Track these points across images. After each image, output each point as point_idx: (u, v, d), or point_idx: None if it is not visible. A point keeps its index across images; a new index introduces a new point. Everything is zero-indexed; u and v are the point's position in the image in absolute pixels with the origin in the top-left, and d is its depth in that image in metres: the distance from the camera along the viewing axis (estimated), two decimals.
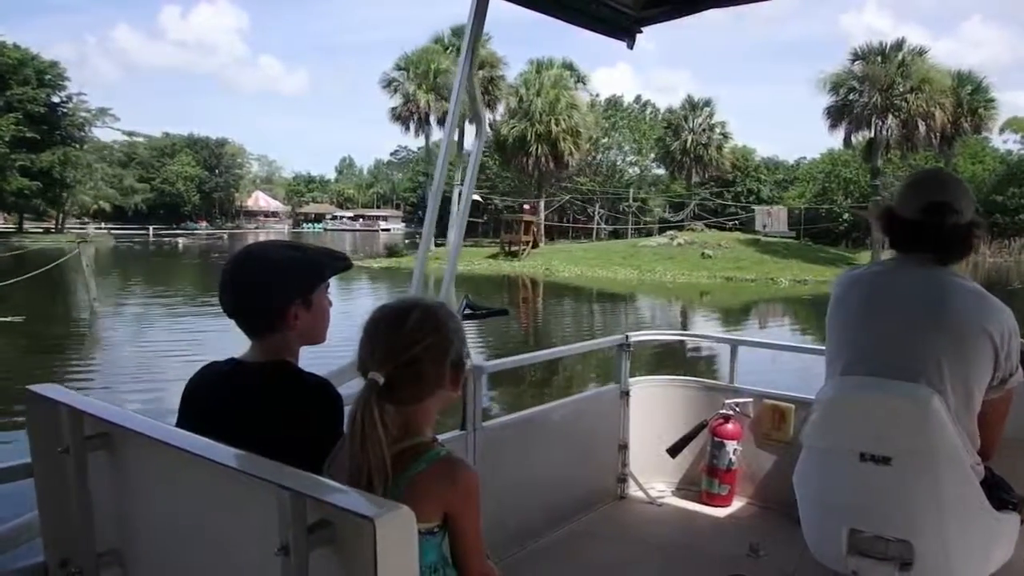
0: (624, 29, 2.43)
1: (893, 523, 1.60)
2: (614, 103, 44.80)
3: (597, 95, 43.59)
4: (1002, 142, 40.41)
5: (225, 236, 52.95)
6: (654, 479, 3.05)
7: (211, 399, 1.26)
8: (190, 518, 1.01)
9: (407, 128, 30.86)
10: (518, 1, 2.15)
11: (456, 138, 32.97)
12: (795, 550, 2.10)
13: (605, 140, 43.18)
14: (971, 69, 31.04)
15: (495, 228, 32.83)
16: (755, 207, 36.03)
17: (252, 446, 0.95)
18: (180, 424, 1.25)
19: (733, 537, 2.63)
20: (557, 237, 39.73)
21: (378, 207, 71.63)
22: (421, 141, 34.63)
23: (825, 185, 43.95)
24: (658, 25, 2.45)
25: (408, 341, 1.08)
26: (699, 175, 35.69)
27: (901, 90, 26.29)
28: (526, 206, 32.48)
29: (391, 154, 74.89)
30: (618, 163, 44.16)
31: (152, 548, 1.10)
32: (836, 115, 27.12)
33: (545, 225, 38.79)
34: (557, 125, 31.19)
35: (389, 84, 30.58)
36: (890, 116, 26.14)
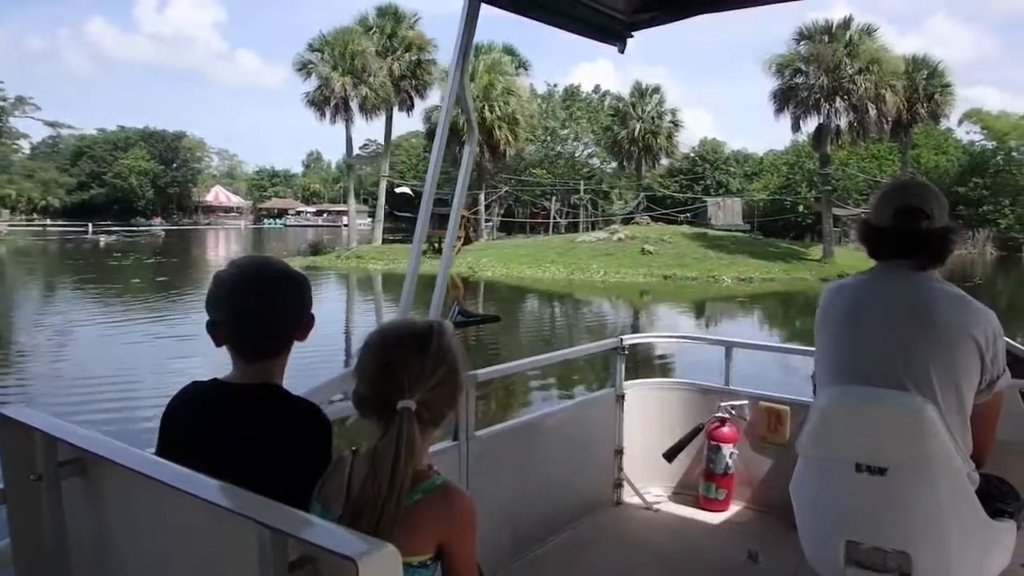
0: (615, 34, 2.38)
1: (890, 534, 1.56)
2: (572, 93, 42.14)
3: (555, 85, 41.01)
4: (965, 133, 38.65)
5: (162, 233, 49.44)
6: (650, 484, 2.94)
7: (198, 422, 1.18)
8: (168, 550, 0.96)
9: (322, 115, 27.86)
10: (509, 7, 2.11)
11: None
12: (794, 556, 1.97)
13: (565, 131, 40.59)
14: (926, 54, 28.89)
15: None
16: (707, 199, 33.60)
17: (242, 471, 0.90)
18: (161, 447, 1.20)
19: (731, 543, 2.54)
20: (515, 232, 37.24)
21: (345, 202, 68.29)
22: (369, 132, 31.72)
23: (789, 177, 42.24)
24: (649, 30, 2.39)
25: (436, 364, 1.05)
26: (648, 165, 33.09)
27: (849, 71, 23.79)
28: None
29: (360, 148, 71.59)
30: (576, 155, 41.48)
31: None
32: (782, 99, 24.64)
33: (502, 220, 36.35)
34: (491, 112, 28.50)
35: (303, 67, 27.51)
36: (838, 99, 23.62)
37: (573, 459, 2.68)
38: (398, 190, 37.14)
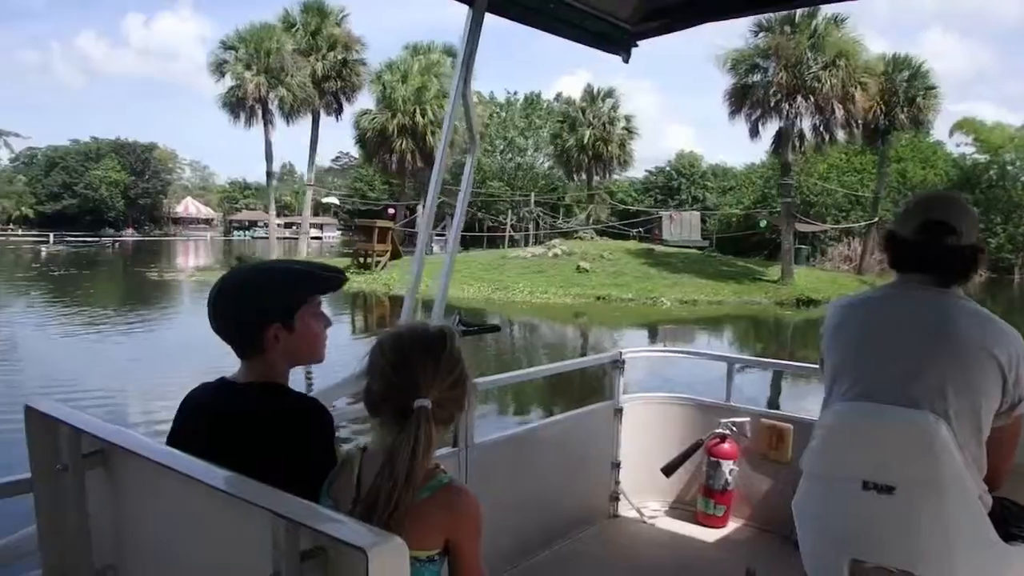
0: (620, 43, 2.32)
1: (897, 554, 1.46)
2: (532, 102, 38.82)
3: (515, 93, 37.73)
4: (956, 146, 35.22)
5: (116, 245, 46.15)
6: (648, 498, 2.87)
7: (200, 419, 1.20)
8: (184, 539, 0.98)
9: (237, 118, 24.47)
10: (514, 17, 2.07)
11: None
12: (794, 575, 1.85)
13: (526, 141, 37.18)
14: (908, 53, 25.26)
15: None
16: (661, 212, 29.90)
17: (237, 467, 0.89)
18: (169, 444, 1.18)
19: (729, 560, 2.46)
20: (475, 246, 33.85)
21: (317, 214, 65.08)
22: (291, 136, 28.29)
23: (765, 191, 38.87)
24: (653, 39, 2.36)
25: (450, 365, 1.06)
26: (600, 175, 29.40)
27: (813, 67, 20.12)
28: (391, 210, 26.39)
29: (332, 160, 68.42)
30: (536, 165, 37.95)
31: (147, 567, 1.06)
32: (737, 99, 20.98)
33: (461, 234, 32.86)
34: (423, 116, 25.13)
35: (218, 67, 24.16)
36: (800, 98, 19.92)
37: (571, 470, 2.61)
38: (324, 200, 33.77)
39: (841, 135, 21.50)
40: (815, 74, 19.86)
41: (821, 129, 21.10)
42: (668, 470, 2.62)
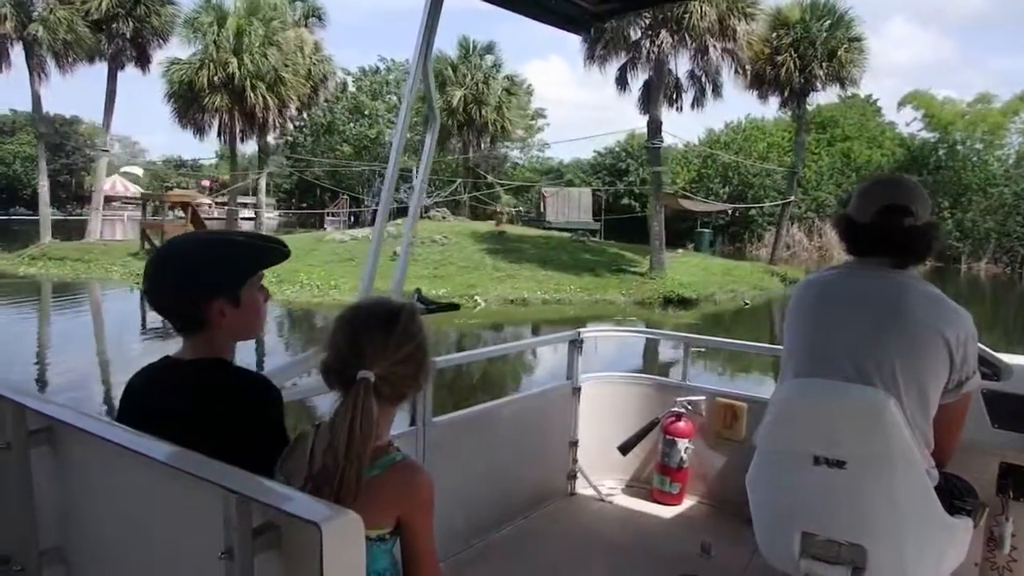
0: (581, 23, 2.29)
1: (846, 527, 1.48)
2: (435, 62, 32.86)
3: (408, 60, 31.67)
4: (904, 124, 30.18)
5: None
6: (604, 476, 2.84)
7: (146, 398, 1.15)
8: (134, 517, 0.94)
9: None
10: None
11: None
12: (746, 550, 1.94)
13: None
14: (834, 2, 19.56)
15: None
16: (547, 191, 24.36)
17: (186, 445, 0.87)
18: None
19: (684, 536, 2.46)
20: (369, 224, 28.34)
21: (255, 194, 59.00)
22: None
23: (701, 171, 34.00)
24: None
25: (401, 340, 1.01)
26: (474, 143, 23.75)
27: None
28: (204, 182, 20.94)
29: (275, 137, 62.22)
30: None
31: (95, 547, 1.01)
32: (593, 39, 15.41)
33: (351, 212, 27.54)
34: (241, 67, 19.47)
35: None
36: (664, 33, 14.34)
37: (528, 449, 2.58)
38: (122, 169, 28.18)
39: (732, 86, 15.94)
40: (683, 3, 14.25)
41: (701, 78, 15.57)
42: (624, 448, 2.62)
